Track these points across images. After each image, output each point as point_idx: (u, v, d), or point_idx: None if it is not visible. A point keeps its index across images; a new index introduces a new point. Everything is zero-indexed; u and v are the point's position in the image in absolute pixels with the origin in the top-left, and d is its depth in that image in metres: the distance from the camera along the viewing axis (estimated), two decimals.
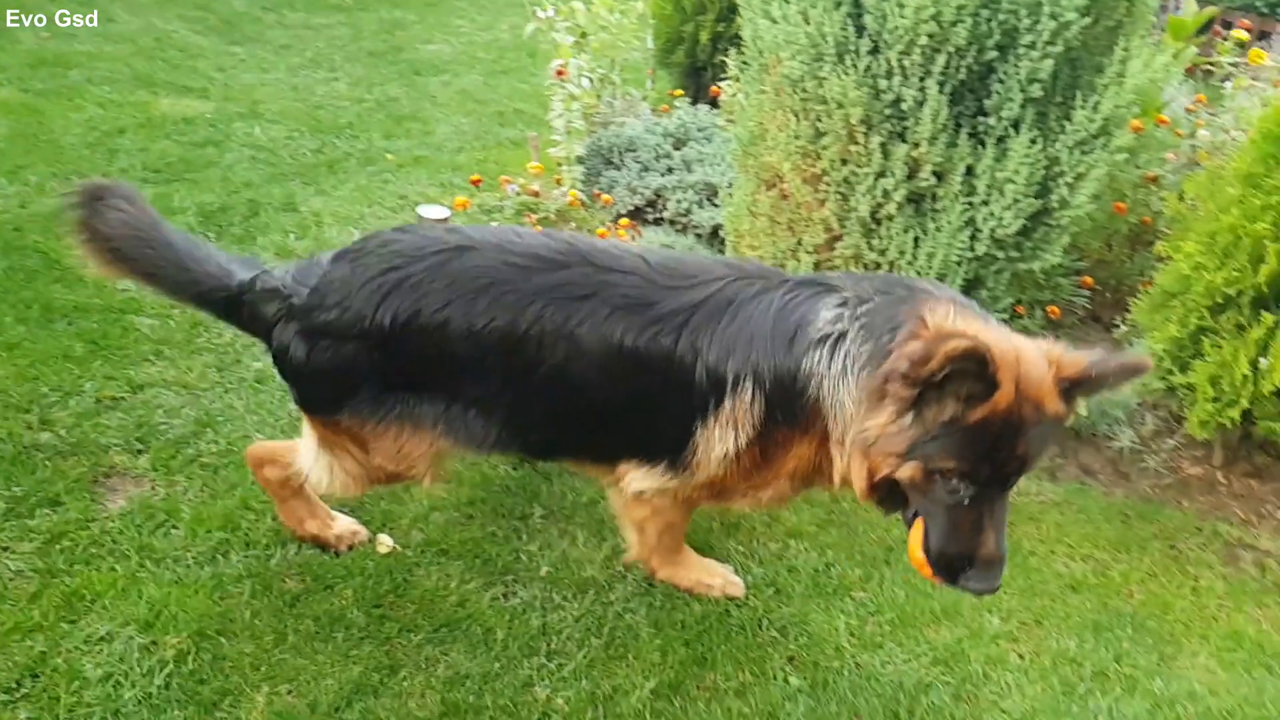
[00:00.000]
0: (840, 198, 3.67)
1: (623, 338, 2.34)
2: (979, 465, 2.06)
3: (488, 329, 2.34)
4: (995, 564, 2.14)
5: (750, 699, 2.68)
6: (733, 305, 2.35)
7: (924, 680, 2.82)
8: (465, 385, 2.45)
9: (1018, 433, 2.03)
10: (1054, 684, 2.87)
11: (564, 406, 2.46)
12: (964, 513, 2.12)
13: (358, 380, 2.42)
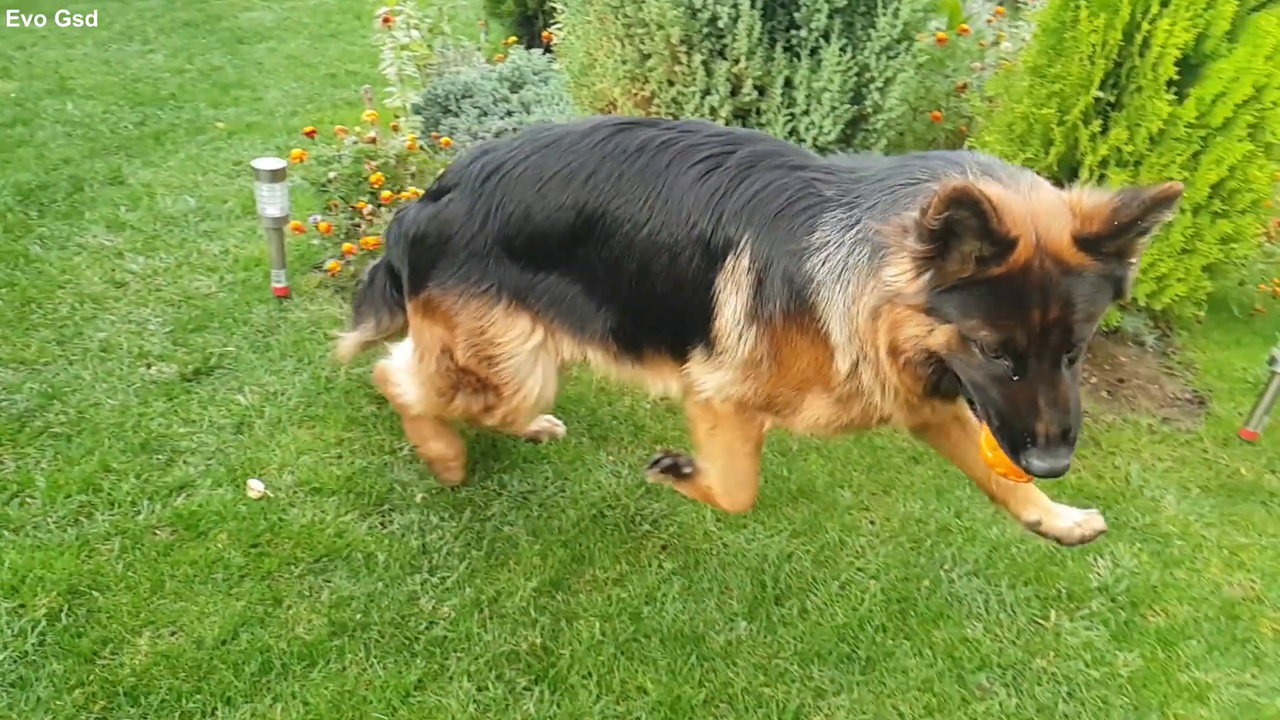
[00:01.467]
0: (671, 119, 3.81)
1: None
2: (1013, 330, 1.90)
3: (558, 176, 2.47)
4: (1057, 441, 1.95)
5: (629, 586, 2.84)
6: (751, 173, 2.34)
7: (786, 551, 3.04)
8: (545, 255, 2.53)
9: (1045, 291, 1.88)
10: (903, 542, 3.14)
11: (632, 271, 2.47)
12: (1015, 388, 1.95)
13: (454, 241, 2.57)
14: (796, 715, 2.51)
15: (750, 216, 2.30)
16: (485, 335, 2.61)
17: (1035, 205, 1.93)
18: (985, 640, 2.80)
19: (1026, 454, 1.98)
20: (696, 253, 2.38)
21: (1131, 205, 1.88)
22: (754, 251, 2.29)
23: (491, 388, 2.69)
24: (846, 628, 2.79)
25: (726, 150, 2.37)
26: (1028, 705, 2.61)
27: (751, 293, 2.30)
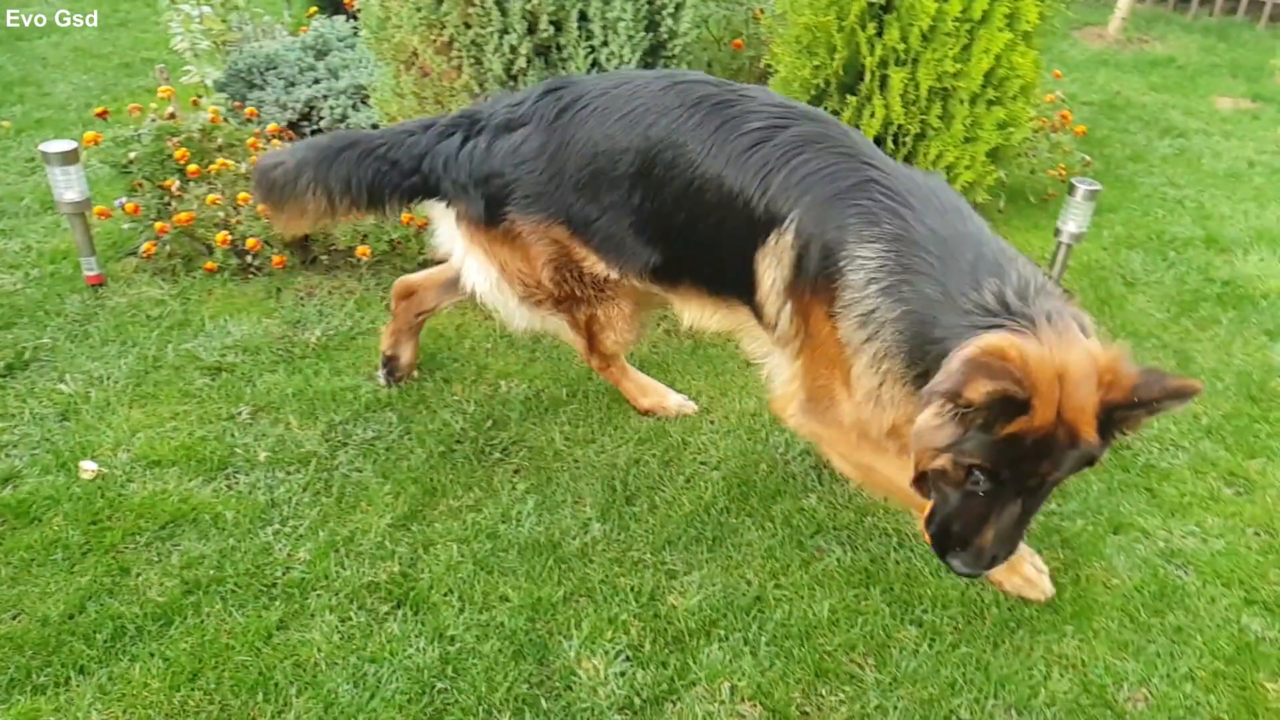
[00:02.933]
0: (474, 62, 3.86)
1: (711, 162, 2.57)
2: (1002, 468, 2.08)
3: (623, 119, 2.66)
4: (983, 555, 2.19)
5: (484, 510, 2.92)
6: (806, 150, 2.49)
7: (634, 457, 3.18)
8: (606, 193, 2.72)
9: (1048, 452, 2.04)
10: (741, 434, 3.33)
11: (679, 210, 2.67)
12: (975, 501, 2.15)
13: (530, 177, 2.76)
14: (652, 596, 2.66)
15: (801, 194, 2.46)
16: (565, 255, 2.86)
17: (1065, 365, 2.00)
18: (820, 508, 3.01)
19: (954, 554, 2.24)
20: (742, 219, 2.55)
21: (1153, 388, 1.99)
22: (799, 229, 2.45)
23: (587, 299, 2.97)
24: (694, 515, 2.95)
25: (779, 124, 2.54)
26: (862, 557, 2.84)
27: (791, 269, 2.49)
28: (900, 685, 2.46)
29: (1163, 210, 5.19)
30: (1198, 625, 2.67)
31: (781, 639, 2.56)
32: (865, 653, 2.55)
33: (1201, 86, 7.29)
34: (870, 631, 2.60)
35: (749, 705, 2.39)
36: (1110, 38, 8.26)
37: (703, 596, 2.67)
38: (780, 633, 2.58)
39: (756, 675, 2.45)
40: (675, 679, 2.44)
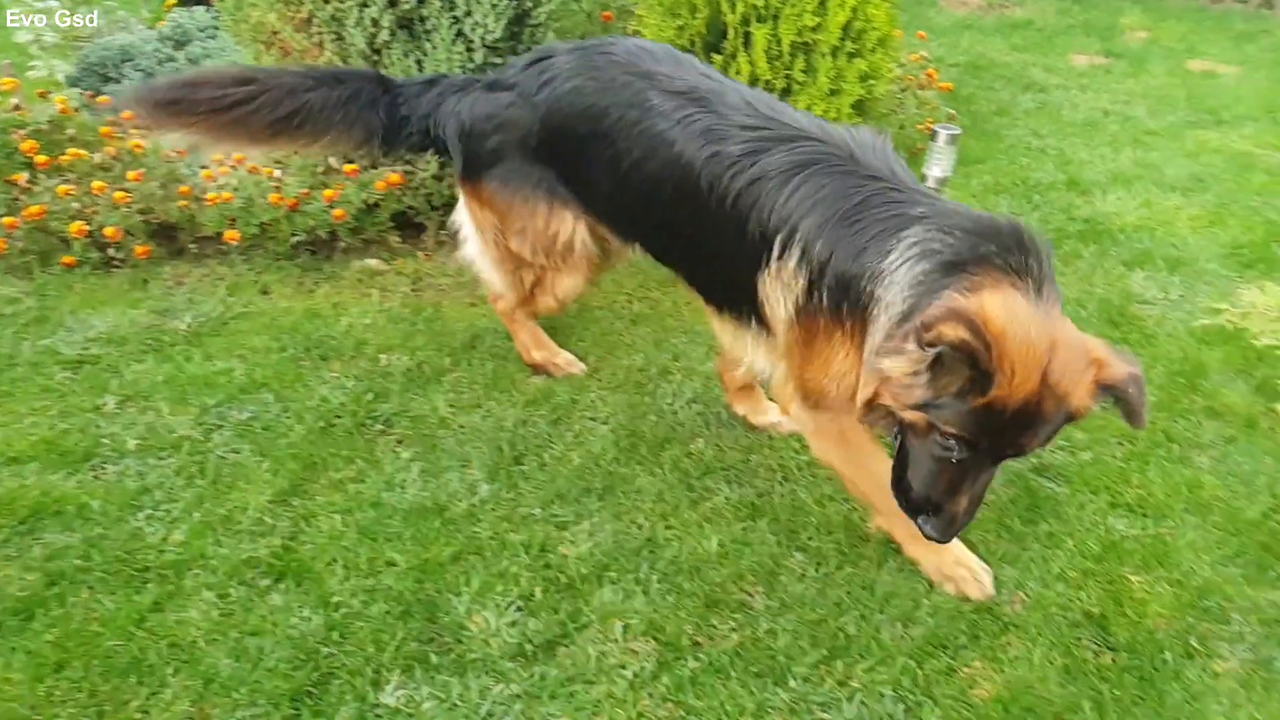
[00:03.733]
0: (335, 38, 3.78)
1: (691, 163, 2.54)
2: (980, 438, 2.05)
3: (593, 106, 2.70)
4: (955, 522, 2.18)
5: (368, 480, 2.86)
6: (808, 170, 2.40)
7: (521, 419, 3.16)
8: (589, 170, 2.78)
9: (1030, 422, 2.02)
10: (629, 389, 3.34)
11: (656, 213, 2.72)
12: (950, 468, 2.12)
13: (509, 142, 2.86)
14: (543, 548, 2.64)
15: (804, 214, 2.37)
16: (536, 228, 2.94)
17: (1058, 336, 2.03)
18: (708, 451, 3.05)
19: (927, 519, 2.22)
20: (727, 232, 2.53)
21: (1140, 389, 2.08)
22: (806, 251, 2.37)
23: (541, 267, 3.06)
24: (583, 468, 2.95)
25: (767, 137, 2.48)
26: (749, 492, 2.88)
27: (804, 294, 2.41)
28: (789, 609, 2.50)
29: (1027, 159, 5.40)
30: (1068, 530, 2.78)
31: (672, 576, 2.58)
32: (754, 582, 2.58)
33: (1059, 46, 7.61)
34: (758, 561, 2.63)
35: (642, 641, 2.40)
36: (973, 4, 8.56)
37: (593, 543, 2.67)
38: (671, 570, 2.59)
39: (649, 612, 2.46)
40: (568, 623, 2.43)
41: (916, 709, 2.25)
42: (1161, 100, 6.47)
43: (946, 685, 2.31)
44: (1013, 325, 1.96)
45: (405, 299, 3.79)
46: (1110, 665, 2.37)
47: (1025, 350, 1.95)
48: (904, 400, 2.08)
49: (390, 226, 4.00)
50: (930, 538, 2.23)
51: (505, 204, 2.95)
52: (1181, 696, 2.29)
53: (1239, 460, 3.09)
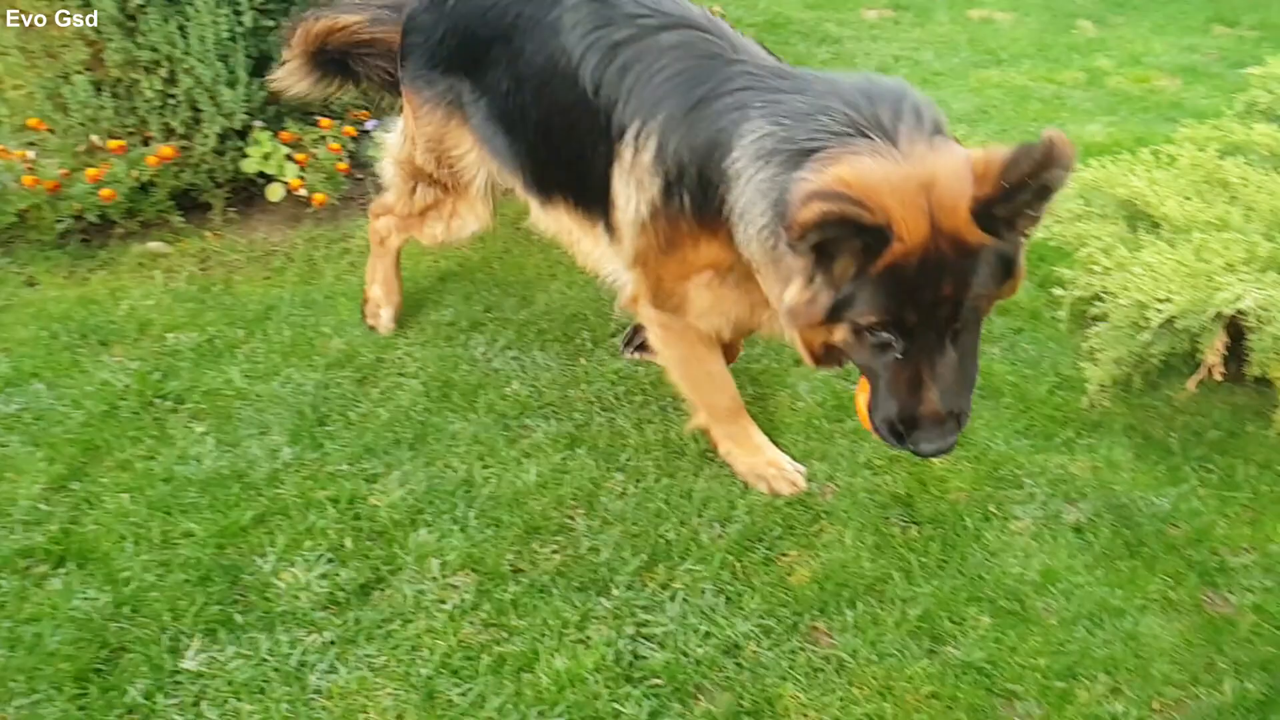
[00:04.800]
0: (82, 3, 3.51)
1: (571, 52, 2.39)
2: (902, 313, 1.83)
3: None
4: (941, 420, 1.90)
5: (159, 456, 2.68)
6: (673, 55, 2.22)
7: (324, 382, 3.03)
8: (489, 74, 2.65)
9: (940, 272, 1.79)
10: (439, 343, 3.25)
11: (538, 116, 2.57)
12: (899, 367, 1.89)
13: (422, 46, 2.78)
14: (352, 501, 2.54)
15: (658, 104, 2.20)
16: (440, 140, 2.85)
17: (932, 174, 1.79)
18: (524, 392, 3.00)
19: (914, 437, 1.94)
20: (594, 125, 2.36)
21: (1020, 164, 1.72)
22: (661, 146, 2.20)
23: (442, 188, 2.97)
24: (392, 421, 2.85)
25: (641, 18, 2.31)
26: (568, 426, 2.85)
27: (659, 193, 2.24)
28: (610, 526, 2.49)
29: None
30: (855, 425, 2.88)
31: (491, 511, 2.52)
32: (575, 505, 2.56)
33: (850, 2, 7.94)
34: (578, 486, 2.61)
35: (462, 575, 2.34)
36: None
37: (406, 491, 2.58)
38: (489, 506, 2.54)
39: (467, 547, 2.40)
40: (381, 568, 2.34)
41: (737, 599, 2.28)
42: (946, 45, 6.85)
43: (765, 574, 2.35)
44: (873, 176, 1.78)
45: (193, 278, 3.57)
46: (917, 537, 2.47)
47: (898, 195, 1.75)
48: (819, 317, 1.88)
49: (170, 206, 3.76)
50: (932, 454, 1.96)
51: (415, 107, 2.87)
52: (982, 555, 2.41)
53: (1026, 348, 3.29)
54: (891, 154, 1.82)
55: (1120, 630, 2.19)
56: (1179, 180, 3.20)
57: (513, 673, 2.08)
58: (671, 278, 2.37)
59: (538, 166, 2.70)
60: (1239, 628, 2.20)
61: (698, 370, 2.60)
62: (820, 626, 2.22)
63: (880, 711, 2.00)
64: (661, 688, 2.05)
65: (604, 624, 2.20)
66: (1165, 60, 6.58)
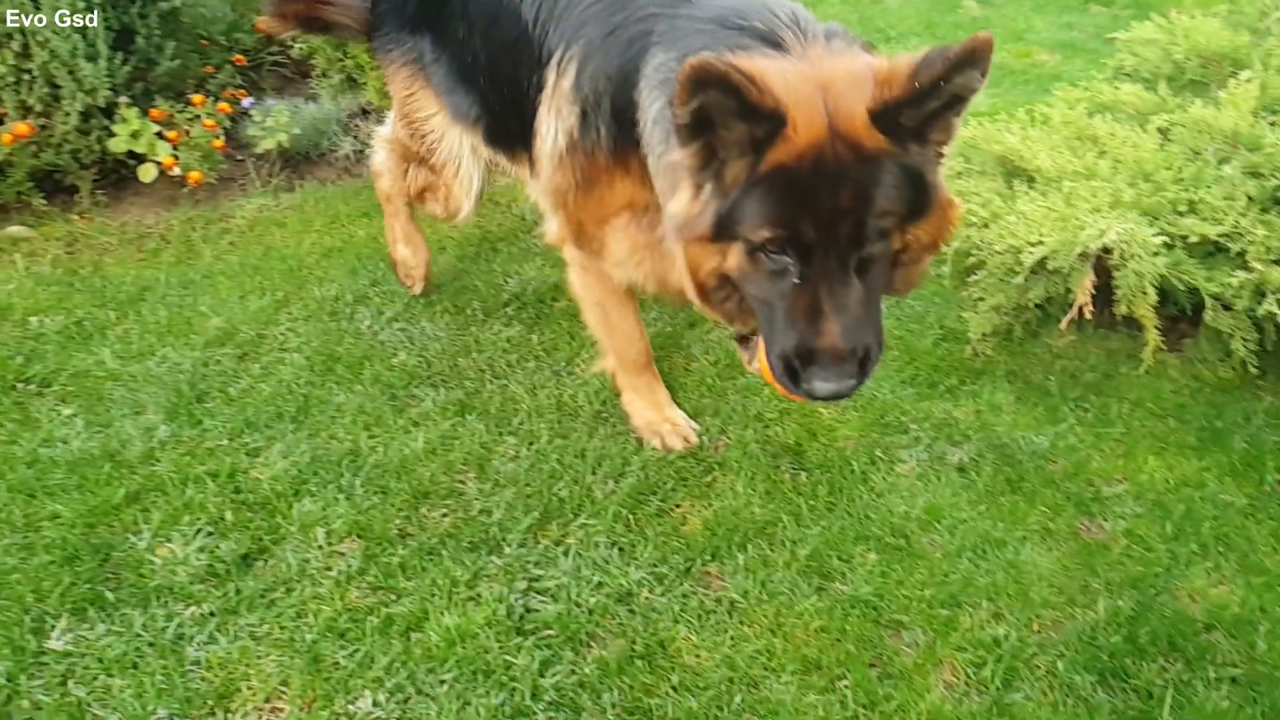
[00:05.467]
0: None
1: None
2: (798, 227, 1.64)
3: None
4: (841, 357, 1.68)
5: (21, 441, 2.54)
6: None
7: (203, 359, 2.92)
8: (447, 26, 2.60)
9: (837, 177, 1.61)
10: (323, 318, 3.17)
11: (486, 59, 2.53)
12: (797, 294, 1.69)
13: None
14: (232, 475, 2.45)
15: (581, 28, 2.14)
16: (407, 104, 2.81)
17: (829, 75, 1.66)
18: (412, 362, 2.94)
19: (807, 374, 1.71)
20: (531, 58, 2.29)
21: (935, 64, 1.56)
22: (579, 72, 2.13)
23: (430, 169, 2.90)
24: (275, 396, 2.76)
25: None
26: (458, 394, 2.80)
27: (577, 123, 2.16)
28: (502, 488, 2.45)
29: None
30: (763, 380, 2.91)
31: (378, 479, 2.46)
32: (466, 470, 2.52)
33: None
34: (469, 451, 2.57)
35: (348, 542, 2.28)
36: None
37: (289, 463, 2.50)
38: (376, 474, 2.48)
39: (353, 515, 2.34)
40: (264, 538, 2.27)
41: (630, 550, 2.27)
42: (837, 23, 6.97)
43: (658, 525, 2.35)
44: (765, 65, 1.66)
45: (58, 261, 3.41)
46: (806, 482, 2.50)
47: (791, 88, 1.62)
48: (707, 228, 1.72)
49: (31, 188, 3.57)
50: (826, 395, 1.74)
51: (388, 75, 2.86)
52: (869, 497, 2.46)
53: (911, 304, 3.35)
54: (786, 57, 1.74)
55: (1002, 560, 2.25)
56: (1051, 136, 3.31)
57: (401, 632, 2.03)
58: (590, 220, 2.29)
59: (493, 118, 2.65)
60: (1112, 551, 2.29)
61: (610, 319, 2.58)
62: (712, 571, 2.23)
63: (770, 647, 2.02)
64: (554, 638, 2.03)
65: (495, 581, 2.17)
66: (1045, 37, 6.81)
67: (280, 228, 3.76)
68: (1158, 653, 2.03)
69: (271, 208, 3.90)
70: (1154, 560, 2.26)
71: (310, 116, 4.32)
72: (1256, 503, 2.44)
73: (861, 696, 1.92)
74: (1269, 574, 2.22)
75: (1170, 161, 2.96)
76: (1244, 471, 2.55)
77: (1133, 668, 1.99)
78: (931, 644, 2.04)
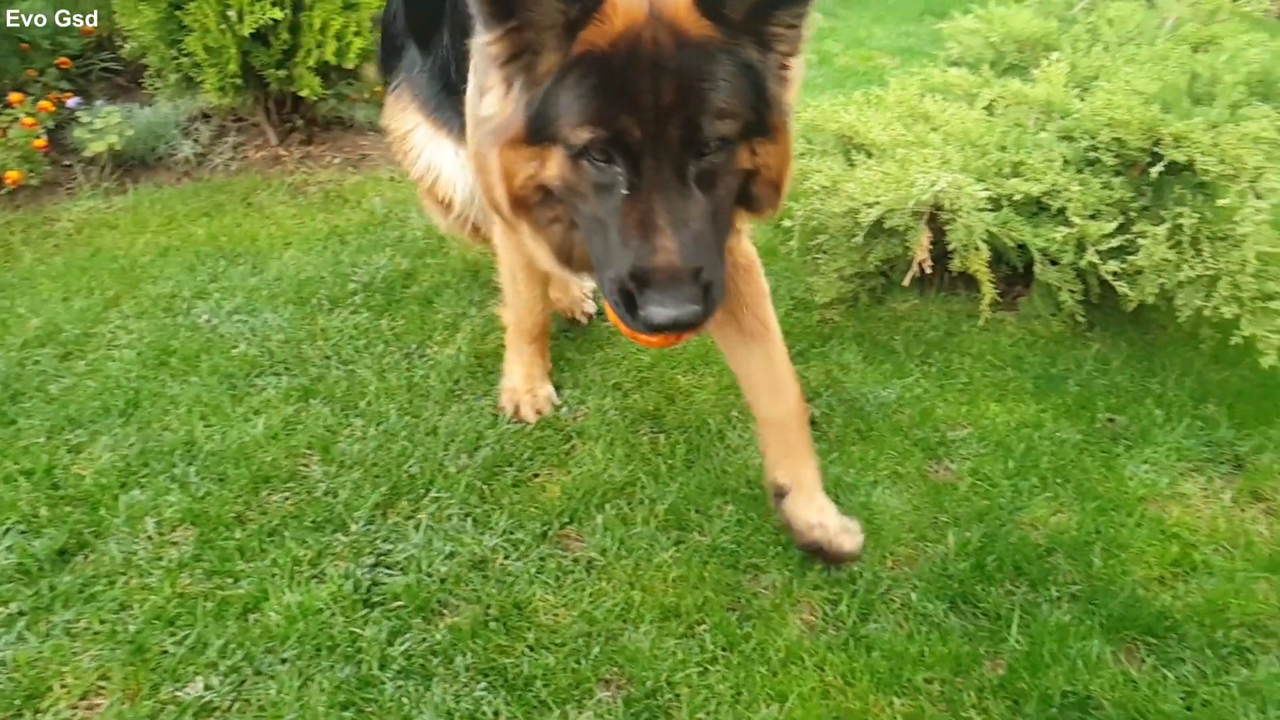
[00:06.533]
0: None
1: None
2: (620, 124, 1.49)
3: None
4: (680, 278, 1.50)
5: None
6: None
7: (19, 359, 2.73)
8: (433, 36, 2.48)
9: (657, 67, 1.47)
10: (157, 315, 3.01)
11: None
12: (628, 208, 1.52)
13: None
14: (49, 471, 2.28)
15: None
16: (400, 132, 2.71)
17: None
18: (253, 353, 2.81)
19: (643, 301, 1.51)
20: None
21: None
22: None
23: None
24: (101, 391, 2.59)
25: None
26: (302, 380, 2.69)
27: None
28: (348, 469, 2.35)
29: None
30: (622, 353, 2.89)
31: (215, 466, 2.32)
32: (309, 452, 2.40)
33: None
34: (314, 435, 2.46)
35: (181, 530, 2.14)
36: None
37: (116, 456, 2.34)
38: (212, 461, 2.34)
39: (188, 503, 2.20)
40: (83, 532, 2.10)
41: (485, 519, 2.20)
42: None
43: (515, 494, 2.29)
44: None
45: None
46: (664, 444, 2.49)
47: None
48: (520, 126, 1.59)
49: None
50: (665, 326, 1.54)
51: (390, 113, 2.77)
52: (725, 454, 2.46)
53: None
54: None
55: (854, 503, 2.28)
56: (885, 114, 3.43)
57: (238, 615, 1.91)
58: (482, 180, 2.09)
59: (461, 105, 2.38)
60: (959, 489, 2.35)
61: (517, 285, 2.50)
62: (570, 533, 2.18)
63: (630, 599, 1.98)
64: (403, 608, 1.94)
65: (341, 558, 2.07)
66: (885, 43, 7.13)
67: (112, 229, 3.56)
68: (1004, 577, 2.09)
69: (102, 210, 3.70)
70: (998, 495, 2.33)
71: (146, 120, 4.14)
72: (1089, 438, 2.56)
73: (720, 639, 1.90)
74: (1102, 499, 2.32)
75: (995, 131, 3.11)
76: (1077, 411, 2.67)
77: (981, 593, 2.03)
78: (789, 585, 2.04)
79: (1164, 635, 1.95)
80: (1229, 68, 2.94)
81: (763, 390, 2.09)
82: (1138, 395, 2.74)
